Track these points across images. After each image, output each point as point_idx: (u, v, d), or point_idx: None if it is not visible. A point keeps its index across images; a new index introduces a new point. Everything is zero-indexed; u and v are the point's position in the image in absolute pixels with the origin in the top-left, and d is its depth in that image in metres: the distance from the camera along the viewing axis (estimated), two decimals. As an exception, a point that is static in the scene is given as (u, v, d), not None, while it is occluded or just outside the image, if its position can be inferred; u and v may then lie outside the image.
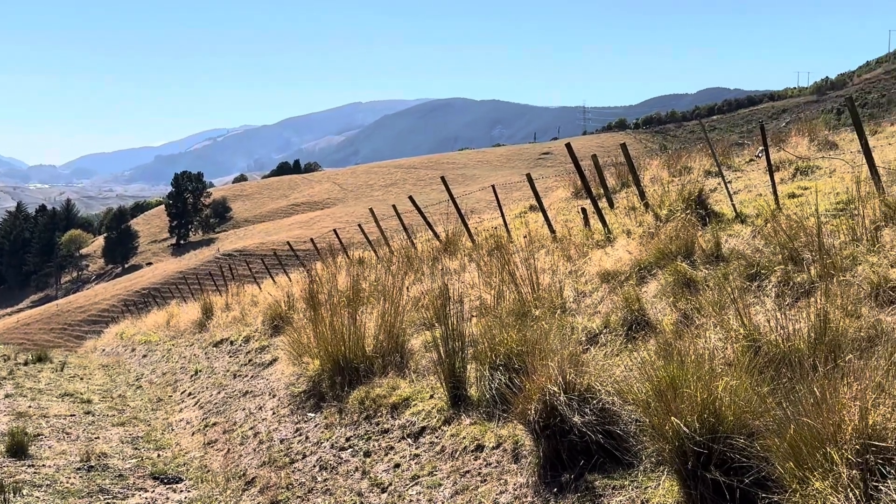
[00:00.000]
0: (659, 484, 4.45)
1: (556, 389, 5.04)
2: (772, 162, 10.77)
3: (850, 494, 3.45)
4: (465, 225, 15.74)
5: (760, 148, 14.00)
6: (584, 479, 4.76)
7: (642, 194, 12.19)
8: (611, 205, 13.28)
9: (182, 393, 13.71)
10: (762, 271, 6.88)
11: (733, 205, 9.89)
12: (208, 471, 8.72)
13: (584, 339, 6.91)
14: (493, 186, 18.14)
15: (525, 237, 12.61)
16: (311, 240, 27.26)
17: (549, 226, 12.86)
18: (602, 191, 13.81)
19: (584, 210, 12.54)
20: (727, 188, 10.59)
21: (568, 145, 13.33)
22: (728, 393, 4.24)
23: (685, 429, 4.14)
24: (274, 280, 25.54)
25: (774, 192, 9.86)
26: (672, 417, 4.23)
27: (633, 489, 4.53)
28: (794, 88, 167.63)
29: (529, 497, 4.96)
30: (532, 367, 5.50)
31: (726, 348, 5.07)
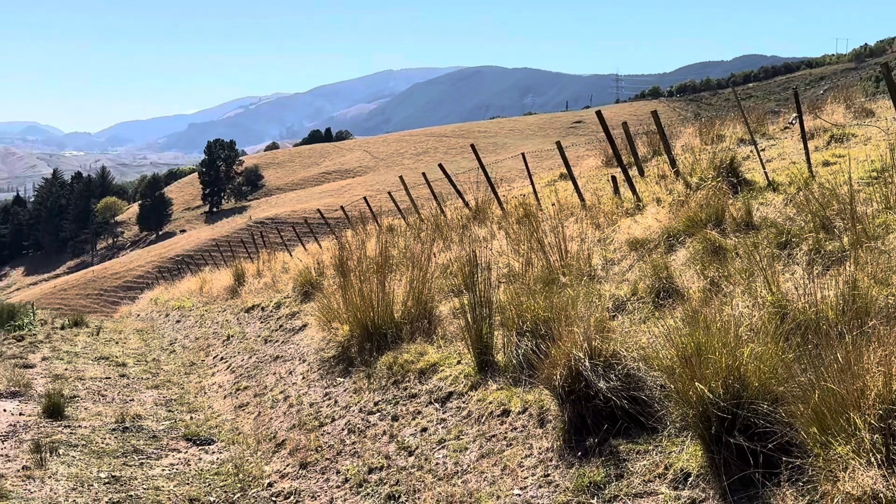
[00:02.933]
0: (683, 449, 4.47)
1: (581, 355, 5.06)
2: (806, 129, 10.63)
3: (872, 459, 3.45)
4: (495, 193, 15.72)
5: (795, 115, 13.82)
6: (608, 444, 4.79)
7: (673, 162, 12.09)
8: (641, 173, 13.19)
9: (214, 357, 13.91)
10: (793, 239, 6.82)
11: (765, 172, 9.79)
12: (240, 433, 8.87)
13: (611, 306, 6.91)
14: (523, 155, 18.07)
15: (554, 205, 12.57)
16: (342, 207, 27.34)
17: (579, 194, 12.81)
18: (633, 159, 13.71)
19: (613, 178, 12.47)
20: (760, 156, 10.47)
21: (599, 113, 13.23)
22: (753, 359, 4.24)
23: (709, 394, 4.15)
24: (305, 247, 25.71)
25: (808, 160, 9.75)
26: (697, 383, 4.24)
27: (657, 454, 4.55)
28: (833, 55, 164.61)
29: (554, 461, 5.00)
30: (558, 333, 5.52)
31: (753, 315, 5.05)
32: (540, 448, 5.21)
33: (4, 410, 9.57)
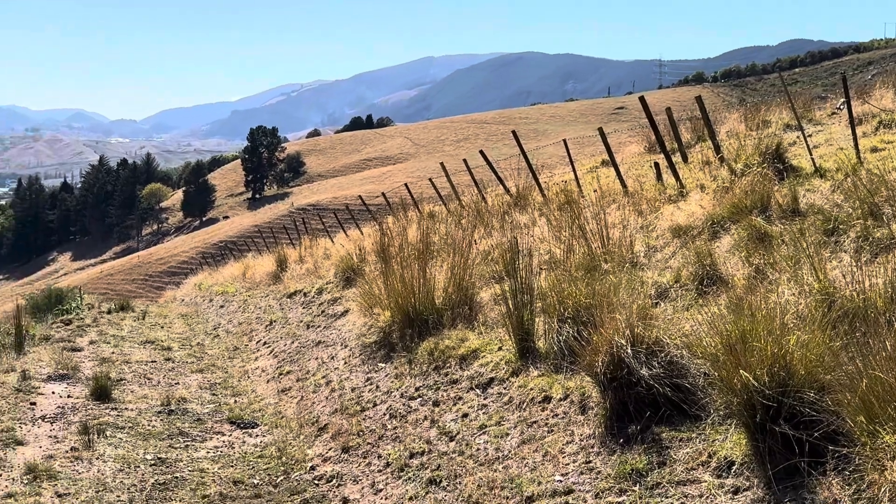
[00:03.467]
0: (726, 437, 4.43)
1: (623, 342, 5.04)
2: (854, 115, 10.44)
3: (921, 449, 3.40)
4: (536, 179, 15.66)
5: (842, 101, 13.56)
6: (650, 431, 4.77)
7: (717, 148, 11.94)
8: (685, 159, 13.05)
9: (257, 342, 14.05)
10: (840, 227, 6.71)
11: (812, 159, 9.63)
12: (282, 417, 8.97)
13: (653, 293, 6.86)
14: (564, 141, 17.96)
15: (596, 192, 12.49)
16: (383, 194, 27.42)
17: (621, 180, 12.71)
18: (676, 145, 13.57)
19: (656, 164, 12.35)
20: (806, 142, 10.30)
21: (642, 98, 13.10)
22: (799, 347, 4.19)
23: (754, 382, 4.11)
24: (346, 233, 25.84)
25: (856, 146, 9.56)
26: (741, 371, 4.19)
27: (700, 441, 4.52)
28: (881, 40, 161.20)
29: (596, 448, 4.99)
30: (600, 320, 5.50)
31: (799, 303, 4.99)
32: (581, 435, 5.20)
33: (53, 392, 9.77)
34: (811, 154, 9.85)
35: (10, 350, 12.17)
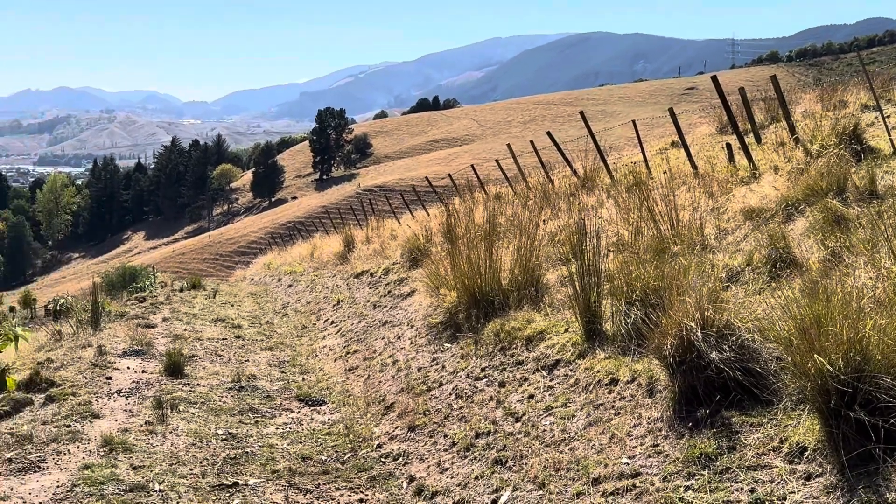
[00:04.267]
0: (799, 422, 4.35)
1: (693, 325, 4.97)
2: (936, 94, 10.09)
3: None
4: (604, 161, 15.51)
5: (924, 80, 13.11)
6: (720, 416, 4.70)
7: (792, 129, 11.67)
8: (758, 140, 12.78)
9: (325, 321, 14.23)
10: (920, 209, 6.51)
11: (891, 139, 9.35)
12: (350, 395, 9.07)
13: (724, 276, 6.74)
14: (633, 122, 17.74)
15: (665, 173, 12.32)
16: (449, 175, 27.46)
17: (691, 161, 12.52)
18: (749, 126, 13.29)
19: (728, 145, 12.12)
20: (885, 122, 10.00)
21: (714, 78, 12.85)
22: (877, 332, 4.08)
23: (829, 367, 4.02)
24: (412, 215, 25.94)
25: (938, 127, 9.26)
26: (815, 355, 4.10)
27: (771, 427, 4.45)
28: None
29: (664, 431, 4.95)
30: (669, 302, 5.43)
31: (876, 287, 4.85)
32: (649, 418, 5.16)
33: (128, 368, 10.03)
34: (890, 135, 9.56)
35: (86, 326, 12.54)
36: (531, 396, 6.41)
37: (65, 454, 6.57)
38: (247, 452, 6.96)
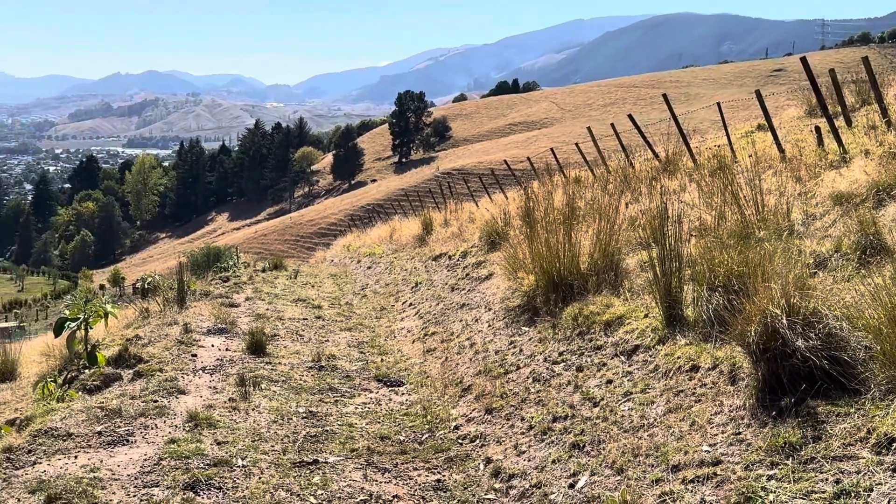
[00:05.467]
0: (887, 413, 4.22)
1: (778, 312, 4.86)
2: None
3: None
4: (687, 144, 15.24)
5: None
6: (805, 405, 4.60)
7: (884, 112, 11.28)
8: (848, 123, 12.38)
9: (403, 303, 14.34)
10: None
11: None
12: (427, 376, 9.14)
13: (811, 262, 6.57)
14: (718, 104, 17.38)
15: (751, 157, 12.05)
16: (528, 159, 27.33)
17: (778, 145, 12.21)
18: (839, 109, 12.88)
19: (817, 129, 11.78)
20: None
21: (803, 59, 12.49)
22: (973, 322, 3.94)
23: (921, 358, 3.90)
24: (491, 198, 25.91)
25: None
26: (906, 345, 3.98)
27: (858, 417, 4.33)
28: None
29: (746, 419, 4.86)
30: (753, 289, 5.32)
31: (973, 276, 4.68)
32: (731, 406, 5.07)
33: (213, 345, 10.28)
34: None
35: (172, 304, 12.88)
36: (609, 381, 6.36)
37: (152, 428, 6.77)
38: (326, 431, 7.08)
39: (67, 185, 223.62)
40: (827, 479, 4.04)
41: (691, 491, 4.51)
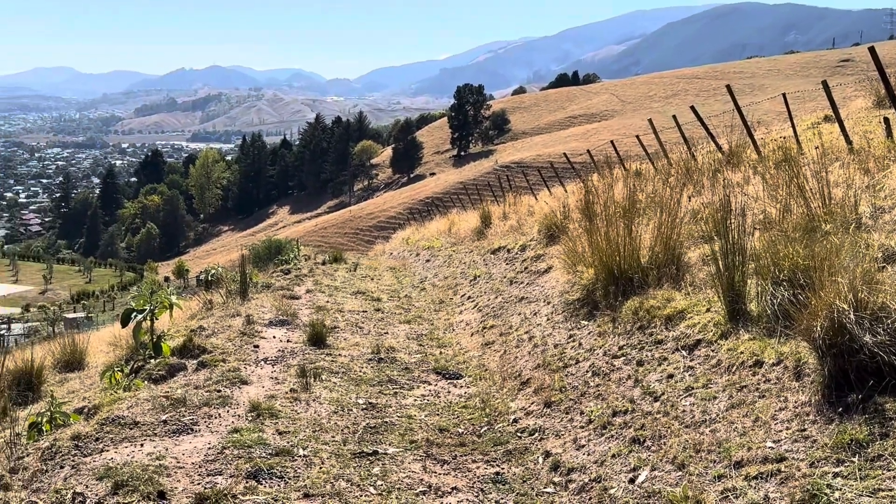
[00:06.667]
0: (960, 412, 4.12)
1: (845, 307, 4.76)
2: None
3: None
4: (751, 135, 14.98)
5: None
6: (872, 401, 4.49)
7: (958, 102, 10.95)
8: (920, 114, 12.05)
9: (461, 296, 14.36)
10: None
11: None
12: (486, 369, 9.15)
13: (879, 256, 6.41)
14: (783, 95, 17.04)
15: (817, 149, 11.79)
16: (588, 151, 27.13)
17: (846, 136, 11.93)
18: (910, 99, 12.54)
19: (886, 120, 11.48)
20: None
21: (871, 49, 12.18)
22: None
23: None
24: (550, 191, 25.80)
25: None
26: (980, 342, 3.87)
27: (928, 415, 4.22)
28: None
29: (811, 416, 4.77)
30: (819, 283, 5.22)
31: None
32: (796, 402, 4.98)
33: (274, 337, 10.42)
34: None
35: (235, 296, 13.09)
36: (670, 376, 6.30)
37: (215, 418, 6.89)
38: (386, 422, 7.13)
39: (133, 179, 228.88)
40: (894, 477, 3.95)
41: (754, 487, 4.44)
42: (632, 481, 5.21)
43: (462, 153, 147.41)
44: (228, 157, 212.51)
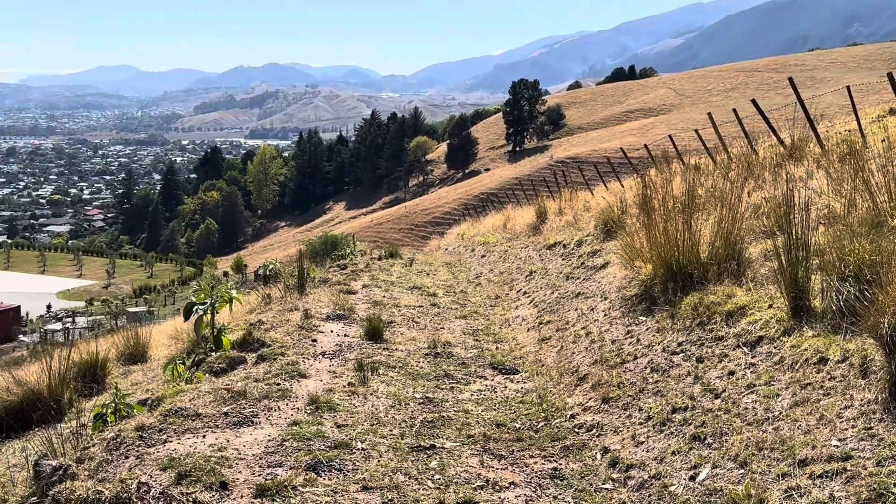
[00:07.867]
0: None
1: (914, 303, 4.65)
2: None
3: None
4: (814, 129, 14.68)
5: None
6: (942, 401, 4.38)
7: None
8: None
9: (517, 291, 14.33)
10: None
11: None
12: (542, 365, 9.11)
13: (950, 252, 6.24)
14: (847, 88, 16.65)
15: (883, 142, 11.51)
16: (645, 146, 26.86)
17: (913, 129, 11.63)
18: (981, 90, 12.18)
19: (956, 111, 11.17)
20: None
21: (941, 38, 11.85)
22: None
23: None
24: (606, 186, 25.60)
25: None
26: None
27: None
28: None
29: (878, 414, 4.66)
30: (886, 278, 5.10)
31: None
32: (862, 400, 4.88)
33: (332, 331, 10.51)
34: None
35: (293, 290, 13.22)
36: (731, 373, 6.21)
37: (275, 410, 6.98)
38: (443, 416, 7.14)
39: (193, 175, 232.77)
40: (968, 479, 3.85)
41: (819, 486, 4.36)
42: (692, 479, 5.16)
43: (517, 148, 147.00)
44: (285, 154, 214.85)
